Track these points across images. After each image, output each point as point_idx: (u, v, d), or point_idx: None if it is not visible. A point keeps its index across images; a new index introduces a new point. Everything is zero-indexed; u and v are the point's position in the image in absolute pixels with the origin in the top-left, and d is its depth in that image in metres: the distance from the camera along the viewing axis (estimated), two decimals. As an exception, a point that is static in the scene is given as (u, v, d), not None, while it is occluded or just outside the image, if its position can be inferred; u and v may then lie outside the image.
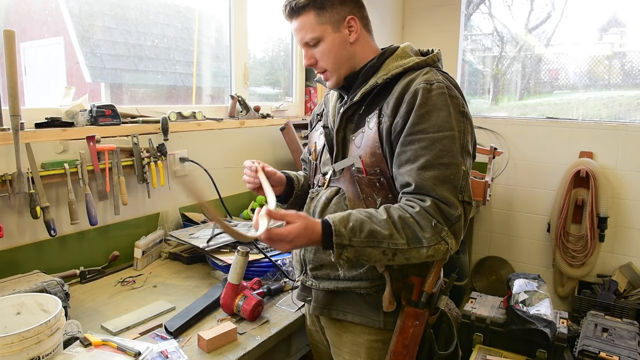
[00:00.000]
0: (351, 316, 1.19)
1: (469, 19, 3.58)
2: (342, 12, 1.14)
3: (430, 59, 1.14)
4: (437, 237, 1.00)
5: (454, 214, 1.01)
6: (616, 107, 3.13)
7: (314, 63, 1.19)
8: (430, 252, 1.01)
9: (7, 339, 0.91)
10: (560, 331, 2.45)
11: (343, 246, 1.00)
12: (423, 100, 1.04)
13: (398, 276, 1.13)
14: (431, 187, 1.01)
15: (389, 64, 1.15)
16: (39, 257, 1.54)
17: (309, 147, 1.40)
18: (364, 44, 1.19)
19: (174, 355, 1.14)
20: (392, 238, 1.00)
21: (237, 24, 2.39)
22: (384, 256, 1.01)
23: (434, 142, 1.02)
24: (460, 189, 1.02)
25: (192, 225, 1.92)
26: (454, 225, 1.01)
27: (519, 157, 3.23)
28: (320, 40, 1.15)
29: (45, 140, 1.52)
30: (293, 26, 1.18)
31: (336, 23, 1.14)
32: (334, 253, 1.01)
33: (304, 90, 2.95)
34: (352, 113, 1.18)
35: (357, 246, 1.00)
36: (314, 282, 1.23)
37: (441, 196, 1.01)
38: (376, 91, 1.14)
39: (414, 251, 1.01)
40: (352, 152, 1.16)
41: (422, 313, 1.13)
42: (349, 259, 1.01)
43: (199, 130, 2.07)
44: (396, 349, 1.12)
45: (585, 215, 2.96)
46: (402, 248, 1.00)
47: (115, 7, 2.00)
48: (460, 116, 1.06)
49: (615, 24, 3.17)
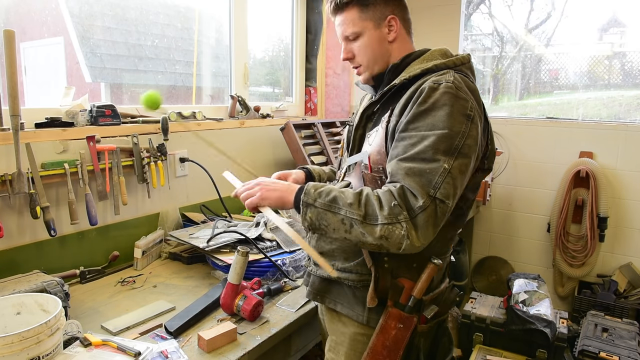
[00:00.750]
0: (340, 306, 1.22)
1: (469, 19, 3.58)
2: (384, 10, 1.18)
3: (452, 62, 1.14)
4: (393, 217, 0.97)
5: (417, 203, 0.98)
6: (616, 107, 3.13)
7: (351, 57, 1.23)
8: (384, 232, 0.98)
9: (7, 339, 0.91)
10: (560, 331, 2.45)
11: (307, 205, 1.05)
12: (424, 99, 1.04)
13: (387, 275, 1.13)
14: (402, 176, 1.01)
15: (413, 66, 1.17)
16: (39, 257, 1.54)
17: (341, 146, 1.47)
18: (402, 44, 1.22)
19: (174, 355, 1.14)
20: (351, 207, 1.01)
21: (237, 24, 2.39)
22: (342, 225, 1.02)
23: (422, 139, 1.02)
24: (434, 184, 0.99)
25: (192, 225, 1.92)
26: (417, 216, 0.98)
27: (519, 157, 3.23)
28: (360, 35, 1.19)
29: (45, 140, 1.52)
30: (336, 22, 1.23)
31: (377, 20, 1.18)
32: (301, 212, 1.06)
33: (304, 90, 2.95)
34: (372, 112, 1.22)
35: (319, 207, 1.04)
36: (313, 268, 1.28)
37: (409, 185, 1.00)
38: (394, 91, 1.15)
39: (368, 227, 0.99)
40: (365, 149, 1.18)
41: (409, 318, 1.12)
42: (311, 220, 1.05)
43: (199, 130, 2.07)
44: (375, 348, 1.12)
45: (585, 215, 2.95)
46: (358, 219, 1.00)
47: (115, 7, 2.00)
48: (463, 118, 1.03)
49: (615, 24, 3.17)
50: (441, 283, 1.23)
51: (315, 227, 1.06)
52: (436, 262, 1.12)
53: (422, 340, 1.18)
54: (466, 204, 1.18)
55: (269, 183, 1.17)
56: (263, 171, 2.46)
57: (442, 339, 1.23)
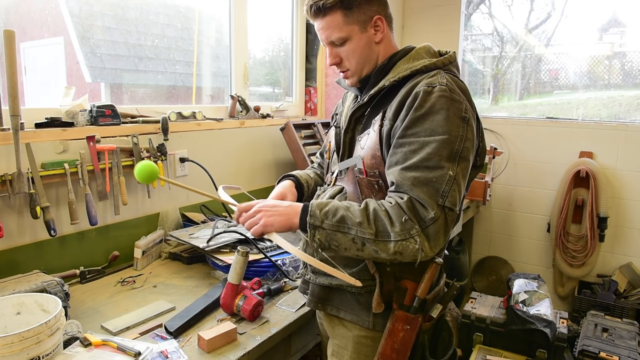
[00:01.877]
0: (343, 313, 1.21)
1: (469, 19, 3.58)
2: (369, 11, 1.14)
3: (441, 62, 1.12)
4: (406, 233, 0.98)
5: (428, 215, 0.98)
6: (616, 107, 3.13)
7: (338, 62, 1.19)
8: (397, 248, 0.98)
9: (7, 339, 0.91)
10: (560, 331, 2.45)
11: (315, 227, 1.03)
12: (420, 104, 1.03)
13: (390, 279, 1.13)
14: (409, 187, 1.00)
15: (400, 65, 1.15)
16: (39, 257, 1.54)
17: (324, 145, 1.43)
18: (387, 43, 1.19)
19: (174, 355, 1.14)
20: (361, 227, 1.00)
21: (237, 24, 2.39)
22: (353, 244, 1.01)
23: (423, 146, 1.01)
24: (442, 193, 0.99)
25: (192, 225, 1.92)
26: (428, 227, 0.98)
27: (519, 157, 3.24)
28: (347, 40, 1.14)
29: (45, 140, 1.52)
30: (317, 25, 1.17)
31: (363, 23, 1.14)
32: (308, 233, 1.03)
33: (304, 90, 2.95)
34: (361, 114, 1.19)
35: (328, 229, 1.02)
36: (312, 276, 1.26)
37: (417, 196, 0.99)
38: (383, 93, 1.14)
39: (381, 244, 0.99)
40: (357, 152, 1.17)
41: (414, 318, 1.12)
42: (321, 242, 1.03)
43: (199, 130, 2.07)
44: (385, 352, 1.12)
45: (585, 215, 2.96)
46: (370, 238, 0.99)
47: (115, 7, 2.00)
48: (460, 121, 1.03)
49: (615, 24, 3.17)
50: (439, 280, 1.24)
51: (325, 247, 1.04)
52: (438, 261, 1.12)
53: (426, 337, 1.18)
54: None
55: (270, 207, 1.12)
56: (263, 171, 2.46)
57: (442, 332, 1.23)
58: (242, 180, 2.32)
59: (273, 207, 1.11)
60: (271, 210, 1.10)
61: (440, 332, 1.23)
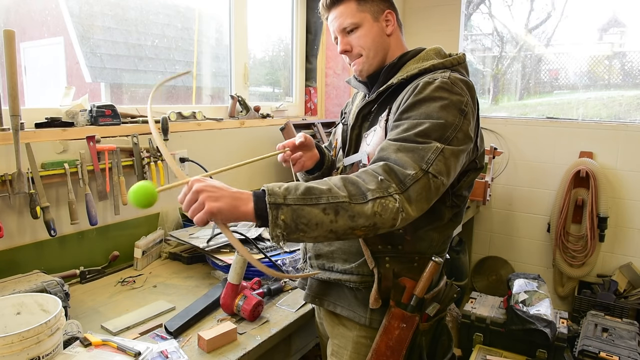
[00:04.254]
0: (340, 309, 1.21)
1: (469, 19, 3.58)
2: (381, 5, 1.20)
3: (449, 62, 1.14)
4: (383, 190, 0.91)
5: (408, 173, 0.93)
6: (616, 107, 3.13)
7: (349, 49, 1.21)
8: (377, 208, 0.89)
9: (7, 339, 0.91)
10: (560, 331, 2.45)
11: (277, 205, 0.86)
12: (419, 91, 1.05)
13: (389, 275, 1.13)
14: (392, 151, 0.97)
15: (409, 65, 1.17)
16: (39, 257, 1.54)
17: (330, 142, 1.45)
18: (397, 40, 1.23)
19: (174, 355, 1.14)
20: (332, 192, 0.89)
21: (237, 24, 2.40)
22: (325, 216, 0.87)
23: (416, 125, 1.00)
24: (427, 160, 0.95)
25: (192, 225, 1.92)
26: (409, 189, 0.93)
27: (519, 157, 3.23)
28: (358, 26, 1.18)
29: (45, 140, 1.52)
30: (331, 17, 1.22)
31: (375, 14, 1.19)
32: (270, 218, 0.86)
33: (304, 90, 2.95)
34: (368, 111, 1.21)
35: (293, 204, 0.87)
36: (311, 270, 1.26)
37: (397, 159, 0.95)
38: (391, 91, 1.15)
39: (357, 206, 0.89)
40: (363, 149, 1.18)
41: (411, 317, 1.12)
42: (286, 223, 0.86)
43: (199, 130, 2.07)
44: (379, 349, 1.12)
45: (585, 215, 2.95)
46: (343, 201, 0.88)
47: (115, 7, 2.00)
48: (457, 112, 1.03)
49: (615, 24, 3.17)
50: (440, 281, 1.24)
51: (292, 230, 0.87)
52: (437, 260, 1.12)
53: (424, 338, 1.18)
54: (463, 201, 1.19)
55: (215, 189, 0.90)
56: (263, 171, 2.46)
57: (442, 337, 1.23)
58: (242, 180, 2.32)
59: (219, 189, 0.90)
60: (217, 193, 0.89)
61: (439, 336, 1.23)
